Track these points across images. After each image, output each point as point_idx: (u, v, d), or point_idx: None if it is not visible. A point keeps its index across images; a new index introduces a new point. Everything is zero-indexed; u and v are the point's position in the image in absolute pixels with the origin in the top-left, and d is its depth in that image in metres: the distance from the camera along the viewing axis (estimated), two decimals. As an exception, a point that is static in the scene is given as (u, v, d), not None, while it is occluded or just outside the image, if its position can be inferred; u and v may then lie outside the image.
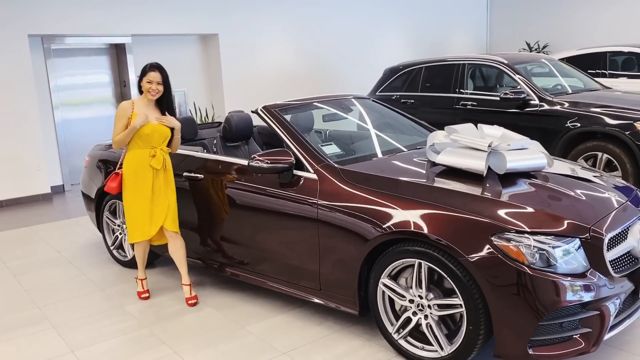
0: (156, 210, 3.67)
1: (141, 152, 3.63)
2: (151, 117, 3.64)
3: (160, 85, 3.62)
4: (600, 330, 2.58)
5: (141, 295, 3.95)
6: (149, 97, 3.63)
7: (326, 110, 4.15)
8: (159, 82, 3.61)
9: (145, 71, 3.62)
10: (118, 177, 3.76)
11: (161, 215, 3.68)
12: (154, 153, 3.63)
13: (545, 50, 11.67)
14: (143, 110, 3.63)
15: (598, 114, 5.44)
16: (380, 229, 2.87)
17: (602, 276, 2.61)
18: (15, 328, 3.59)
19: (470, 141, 3.13)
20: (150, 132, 3.61)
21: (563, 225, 2.63)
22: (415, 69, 7.29)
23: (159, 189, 3.68)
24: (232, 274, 3.81)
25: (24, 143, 7.11)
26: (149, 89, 3.60)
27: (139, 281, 3.98)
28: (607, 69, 8.32)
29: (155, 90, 3.60)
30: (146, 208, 3.66)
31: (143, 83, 3.62)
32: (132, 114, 3.60)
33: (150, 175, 3.64)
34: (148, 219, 3.68)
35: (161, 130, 3.65)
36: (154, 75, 3.60)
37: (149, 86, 3.60)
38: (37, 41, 7.39)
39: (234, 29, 8.84)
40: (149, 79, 3.60)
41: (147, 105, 3.67)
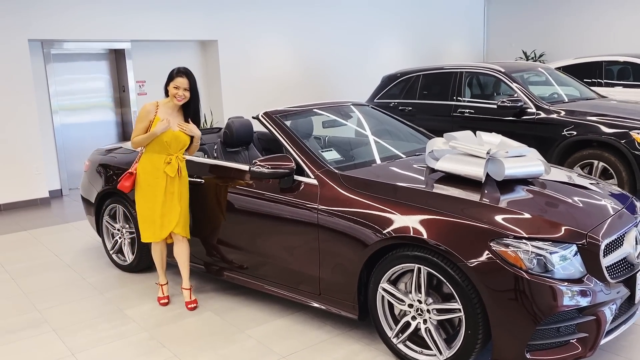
0: (167, 214, 3.66)
1: (157, 156, 3.63)
2: (173, 123, 3.61)
3: (187, 92, 3.59)
4: (596, 335, 2.62)
5: (160, 300, 3.90)
6: (175, 102, 3.60)
7: (326, 116, 4.19)
8: (186, 89, 3.58)
9: (172, 76, 3.58)
10: (132, 176, 3.74)
11: (172, 221, 3.67)
12: (169, 160, 3.62)
13: (542, 59, 11.77)
14: (166, 114, 3.60)
15: (594, 123, 5.51)
16: (380, 234, 2.91)
17: (598, 282, 2.65)
18: (15, 331, 3.60)
19: (469, 148, 3.17)
20: (169, 140, 3.60)
21: (560, 232, 2.68)
22: (413, 77, 7.35)
23: (171, 194, 3.66)
24: (232, 277, 3.83)
25: (23, 147, 7.12)
26: (175, 95, 3.57)
27: (159, 286, 3.95)
28: (603, 78, 8.41)
29: (181, 96, 3.57)
30: (157, 211, 3.65)
31: (169, 87, 3.58)
32: (155, 117, 3.58)
33: (163, 181, 3.63)
34: (159, 222, 3.67)
35: (180, 138, 3.64)
36: (181, 81, 3.56)
37: (175, 92, 3.56)
38: (37, 46, 7.42)
39: (233, 36, 8.90)
40: (176, 85, 3.56)
41: (171, 109, 3.64)
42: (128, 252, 4.53)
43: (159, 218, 3.66)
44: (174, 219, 3.67)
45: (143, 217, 3.73)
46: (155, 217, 3.66)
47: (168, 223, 3.68)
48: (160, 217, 3.66)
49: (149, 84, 8.44)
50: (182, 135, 3.65)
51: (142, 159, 3.71)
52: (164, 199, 3.64)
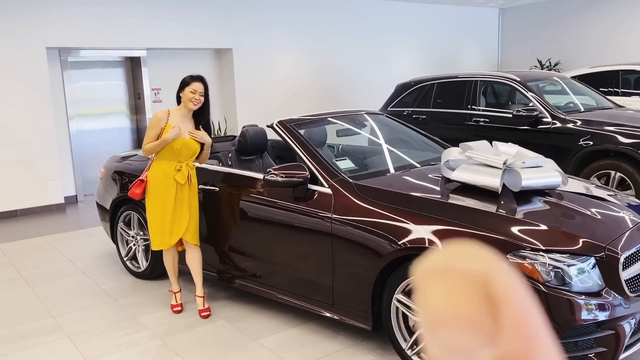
0: (177, 222, 3.68)
1: (168, 164, 3.65)
2: (184, 130, 3.63)
3: (202, 97, 3.62)
4: (615, 349, 2.58)
5: (174, 308, 3.90)
6: (189, 106, 3.61)
7: (340, 125, 4.19)
8: (202, 94, 3.61)
9: (187, 82, 3.60)
10: (143, 184, 3.76)
11: (181, 228, 3.68)
12: (179, 167, 3.63)
13: (557, 68, 11.69)
14: (178, 122, 3.62)
15: (611, 133, 5.44)
16: (395, 245, 2.89)
17: (617, 295, 2.60)
18: (30, 337, 3.62)
19: (486, 158, 3.15)
20: (179, 147, 3.61)
21: (578, 244, 2.64)
22: (427, 85, 7.32)
23: (181, 202, 3.68)
24: (244, 286, 3.83)
25: (40, 153, 7.20)
26: (192, 99, 3.58)
27: (172, 294, 3.95)
28: (619, 87, 8.32)
29: (197, 100, 3.59)
30: (167, 219, 3.66)
31: (185, 92, 3.59)
32: (166, 125, 3.60)
33: (174, 188, 3.65)
34: (168, 229, 3.68)
35: (191, 145, 3.65)
36: (198, 86, 3.59)
37: (191, 96, 3.58)
38: (54, 53, 7.51)
39: (248, 44, 8.95)
40: (193, 89, 3.58)
41: (183, 116, 3.66)
42: (142, 259, 4.55)
43: (169, 225, 3.68)
44: (183, 226, 3.68)
45: (153, 224, 3.74)
46: (165, 224, 3.68)
47: (177, 230, 3.69)
48: (170, 224, 3.67)
49: (164, 92, 8.51)
50: (192, 143, 3.66)
51: (153, 166, 3.73)
52: (174, 206, 3.65)
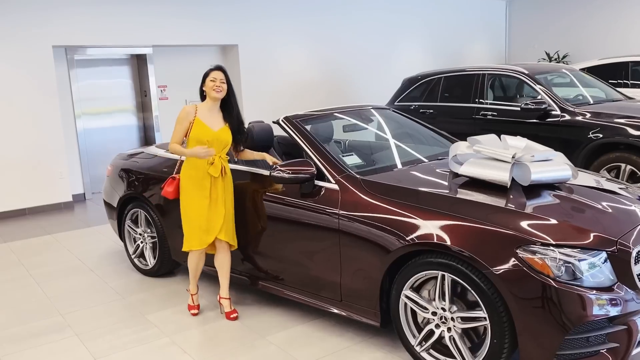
0: (212, 219, 3.57)
1: (200, 159, 3.55)
2: (213, 123, 3.57)
3: (224, 84, 3.56)
4: (628, 345, 2.54)
5: (191, 310, 3.82)
6: (213, 95, 3.54)
7: (346, 120, 4.16)
8: (222, 80, 3.55)
9: (206, 73, 3.57)
10: (175, 181, 3.68)
11: (217, 226, 3.57)
12: (212, 160, 3.53)
13: (565, 60, 11.58)
14: (206, 115, 3.56)
15: (621, 125, 5.38)
16: (403, 241, 2.86)
17: (629, 290, 2.56)
18: (39, 335, 3.63)
19: (494, 152, 3.11)
20: (210, 139, 3.52)
21: (589, 238, 2.60)
22: (434, 79, 7.27)
23: (216, 197, 3.57)
24: (251, 283, 3.82)
25: (47, 152, 7.22)
26: (213, 87, 3.52)
27: (190, 295, 3.87)
28: (629, 79, 8.23)
29: (219, 87, 3.53)
30: (203, 216, 3.55)
31: (206, 83, 3.54)
32: (195, 119, 3.53)
33: (208, 183, 3.54)
34: (205, 227, 3.57)
35: (222, 137, 3.57)
36: (217, 73, 3.54)
37: (212, 84, 3.52)
38: (61, 52, 7.52)
39: (254, 40, 8.92)
40: (213, 77, 3.53)
41: (210, 109, 3.59)
42: (150, 257, 4.55)
43: (205, 222, 3.56)
44: (218, 224, 3.57)
45: (189, 223, 3.61)
46: (201, 221, 3.56)
47: (213, 228, 3.57)
48: (207, 221, 3.56)
49: (170, 89, 8.50)
50: (223, 134, 3.58)
51: (185, 163, 3.63)
52: (210, 203, 3.55)
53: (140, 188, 4.45)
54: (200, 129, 3.53)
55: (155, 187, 4.33)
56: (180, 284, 4.39)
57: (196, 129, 3.52)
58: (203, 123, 3.54)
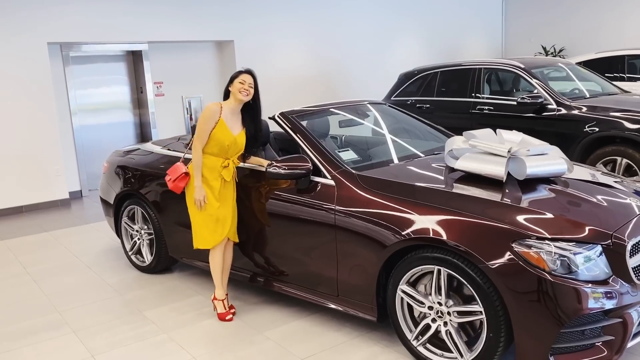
0: (222, 217, 3.56)
1: (215, 159, 3.52)
2: (233, 126, 3.55)
3: (252, 88, 3.55)
4: (623, 338, 2.55)
5: (225, 317, 3.64)
6: (239, 97, 3.51)
7: (342, 116, 4.15)
8: (251, 85, 3.54)
9: (235, 75, 3.55)
10: (187, 177, 3.62)
11: (227, 224, 3.57)
12: (227, 164, 3.54)
13: (562, 54, 11.58)
14: (229, 117, 3.52)
15: (617, 119, 5.39)
16: (399, 236, 2.87)
17: (624, 283, 2.57)
18: (36, 332, 3.63)
19: (490, 147, 3.12)
20: (229, 144, 3.51)
21: (584, 232, 2.61)
22: (430, 74, 7.27)
23: (225, 198, 3.57)
24: (249, 279, 3.82)
25: (43, 149, 7.20)
26: (241, 89, 3.50)
27: (220, 302, 3.69)
28: (625, 72, 8.23)
29: (247, 91, 3.51)
30: (212, 215, 3.53)
31: (234, 84, 3.52)
32: (220, 119, 3.49)
33: (218, 184, 3.53)
34: (213, 226, 3.55)
35: (238, 142, 3.56)
36: (247, 77, 3.53)
37: (240, 86, 3.50)
38: (56, 49, 7.50)
39: (250, 36, 8.90)
40: (242, 80, 3.52)
41: (232, 110, 3.56)
42: (147, 253, 4.55)
43: (213, 223, 3.55)
44: (227, 223, 3.58)
45: (199, 222, 3.58)
46: (210, 221, 3.54)
47: (222, 228, 3.57)
48: (215, 221, 3.55)
49: (166, 85, 8.48)
50: (240, 139, 3.57)
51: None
52: (218, 202, 3.54)
53: (137, 185, 4.45)
54: (223, 131, 3.50)
55: (151, 183, 4.32)
56: (177, 281, 4.40)
57: (219, 130, 3.49)
58: (226, 126, 3.52)
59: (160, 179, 4.21)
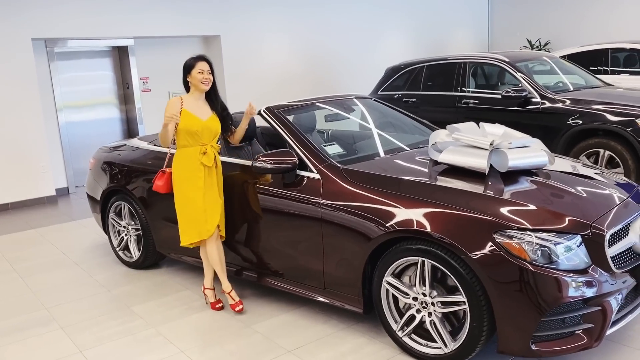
0: (209, 208, 3.52)
1: (191, 149, 3.51)
2: (201, 112, 3.53)
3: (211, 75, 3.52)
4: (602, 325, 2.61)
5: (235, 308, 3.63)
6: (201, 88, 3.51)
7: (328, 110, 4.18)
8: (209, 71, 3.51)
9: (191, 64, 3.50)
10: (165, 175, 3.64)
11: (216, 214, 3.54)
12: (204, 150, 3.50)
13: (547, 48, 11.67)
14: (193, 106, 3.51)
15: (600, 111, 5.46)
16: (384, 228, 2.90)
17: (603, 272, 2.63)
18: (24, 329, 3.63)
19: (472, 140, 3.16)
20: (200, 130, 3.48)
21: (564, 222, 2.66)
22: (416, 68, 7.31)
23: (211, 186, 3.55)
24: (236, 273, 3.84)
25: (29, 146, 7.16)
26: (202, 79, 3.47)
27: (227, 295, 3.69)
28: (608, 65, 8.32)
29: (207, 79, 3.49)
30: (200, 207, 3.49)
31: (193, 74, 3.49)
32: (182, 110, 3.47)
33: (202, 173, 3.50)
34: (203, 218, 3.51)
35: (212, 127, 3.55)
36: (204, 64, 3.49)
37: (200, 76, 3.47)
38: (40, 44, 7.44)
39: (236, 31, 8.88)
40: (200, 69, 3.48)
41: (196, 100, 3.55)
42: (134, 249, 4.55)
43: (202, 213, 3.50)
44: (216, 212, 3.54)
45: (185, 217, 3.56)
46: (198, 213, 3.50)
47: (212, 217, 3.52)
48: (204, 212, 3.50)
49: (152, 81, 8.45)
50: (212, 123, 3.55)
51: (176, 155, 3.58)
52: (204, 192, 3.50)
53: (124, 181, 4.45)
54: (189, 119, 3.49)
55: (138, 179, 4.33)
56: (164, 276, 4.41)
57: (185, 120, 3.48)
58: (191, 113, 3.50)
59: (147, 174, 4.22)
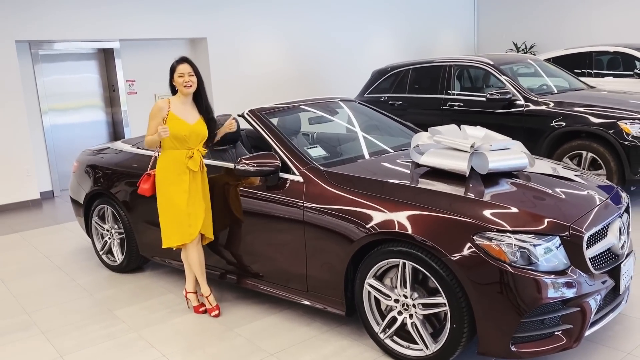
0: (193, 212, 3.50)
1: (177, 152, 3.48)
2: (188, 116, 3.50)
3: (193, 77, 3.48)
4: (581, 326, 2.63)
5: (212, 312, 3.63)
6: (184, 92, 3.46)
7: (312, 113, 4.18)
8: (190, 73, 3.47)
9: (173, 67, 3.48)
10: (150, 178, 3.61)
11: (199, 218, 3.52)
12: (191, 154, 3.48)
13: (533, 51, 11.77)
14: (180, 109, 3.48)
15: (582, 114, 5.51)
16: (365, 230, 2.91)
17: (582, 273, 2.66)
18: (3, 334, 3.59)
19: (453, 142, 3.17)
20: (187, 134, 3.46)
21: (543, 224, 2.68)
22: (402, 71, 7.34)
23: (196, 190, 3.53)
24: (220, 276, 3.83)
25: (13, 149, 7.09)
26: (183, 83, 3.44)
27: (204, 298, 3.68)
28: (592, 68, 8.41)
29: (188, 82, 3.45)
30: (183, 210, 3.46)
31: (175, 79, 3.47)
32: (169, 113, 3.45)
33: (187, 177, 3.48)
34: (186, 222, 3.48)
35: (199, 131, 3.52)
36: (184, 67, 3.45)
37: (181, 80, 3.44)
38: (24, 47, 7.38)
39: (223, 33, 8.86)
40: (180, 73, 3.45)
41: (183, 103, 3.52)
42: (118, 253, 4.52)
43: (186, 217, 3.47)
44: (200, 216, 3.52)
45: (168, 219, 3.52)
46: (182, 217, 3.47)
47: (195, 221, 3.50)
48: (187, 215, 3.47)
49: (138, 83, 8.41)
50: (200, 127, 3.52)
51: (161, 157, 3.55)
52: (189, 197, 3.48)
53: (107, 184, 4.42)
54: (175, 123, 3.46)
55: (121, 182, 4.30)
56: (148, 279, 4.39)
57: (171, 123, 3.44)
58: (178, 117, 3.47)
59: (130, 177, 4.19)
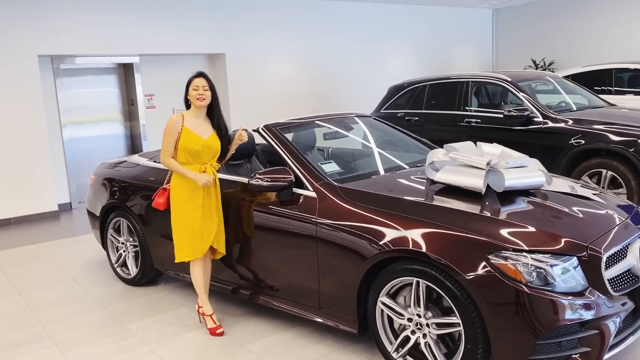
0: (206, 227, 3.51)
1: (191, 168, 3.48)
2: (202, 131, 3.51)
3: (208, 91, 3.49)
4: (600, 349, 2.56)
5: (216, 331, 3.59)
6: (197, 104, 3.48)
7: (327, 128, 4.18)
8: (205, 87, 3.49)
9: (190, 80, 3.50)
10: (166, 192, 3.64)
11: (211, 234, 3.53)
12: (204, 169, 3.50)
13: (552, 68, 11.68)
14: (194, 124, 3.49)
15: (602, 131, 5.43)
16: (378, 247, 2.88)
17: (601, 295, 2.59)
18: (18, 345, 3.61)
19: (469, 159, 3.14)
20: (200, 149, 3.47)
21: (560, 244, 2.62)
22: (419, 87, 7.32)
23: (209, 206, 3.53)
24: (231, 291, 3.81)
25: (33, 161, 7.20)
26: (197, 96, 3.46)
27: (208, 318, 3.65)
28: (612, 85, 8.31)
29: (202, 95, 3.46)
30: (196, 225, 3.47)
31: (189, 92, 3.49)
32: (183, 128, 3.47)
33: (200, 193, 3.49)
34: (199, 237, 3.49)
35: (212, 146, 3.53)
36: (199, 80, 3.47)
37: (195, 93, 3.46)
38: (46, 61, 7.52)
39: (241, 49, 8.96)
40: (195, 85, 3.47)
41: (197, 117, 3.53)
42: (132, 266, 4.53)
43: (199, 232, 3.49)
44: (212, 232, 3.53)
45: (181, 234, 3.53)
46: (195, 232, 3.48)
47: (207, 236, 3.52)
48: (200, 230, 3.49)
49: (157, 97, 8.51)
50: (213, 143, 3.54)
51: (176, 173, 3.56)
52: (202, 212, 3.49)
53: (123, 197, 4.45)
54: (189, 138, 3.47)
55: (137, 196, 4.33)
56: (161, 293, 4.39)
57: (185, 138, 3.46)
58: (192, 132, 3.49)
59: (146, 191, 4.22)
